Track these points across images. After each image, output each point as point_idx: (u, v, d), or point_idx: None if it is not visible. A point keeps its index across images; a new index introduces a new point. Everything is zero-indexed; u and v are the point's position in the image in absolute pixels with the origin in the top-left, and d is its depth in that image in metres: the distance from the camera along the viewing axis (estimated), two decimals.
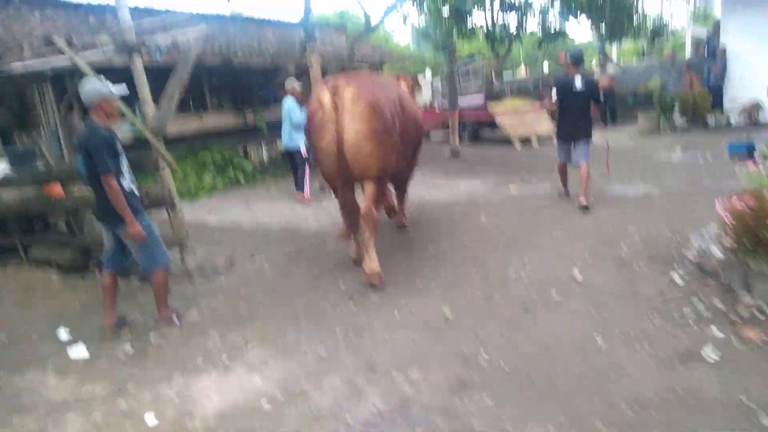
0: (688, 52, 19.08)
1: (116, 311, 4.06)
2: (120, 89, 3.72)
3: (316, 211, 7.58)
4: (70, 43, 4.90)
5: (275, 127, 8.93)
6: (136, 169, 5.52)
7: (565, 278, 4.11)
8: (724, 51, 12.83)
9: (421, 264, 4.85)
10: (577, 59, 6.30)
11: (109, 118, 3.72)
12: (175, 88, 5.23)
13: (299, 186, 8.74)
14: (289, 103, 8.11)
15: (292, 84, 8.25)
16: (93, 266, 5.69)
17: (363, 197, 4.41)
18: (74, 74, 9.12)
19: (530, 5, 17.53)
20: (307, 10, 10.55)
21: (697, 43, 21.02)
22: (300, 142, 8.22)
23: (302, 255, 5.53)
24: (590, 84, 6.20)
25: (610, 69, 14.69)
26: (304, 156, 8.31)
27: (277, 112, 8.62)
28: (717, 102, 12.55)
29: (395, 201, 6.19)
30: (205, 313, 4.24)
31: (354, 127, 4.03)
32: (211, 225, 7.28)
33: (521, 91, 16.34)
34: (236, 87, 12.68)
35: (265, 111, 12.26)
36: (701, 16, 33.58)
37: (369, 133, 4.07)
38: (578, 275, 4.09)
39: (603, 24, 19.56)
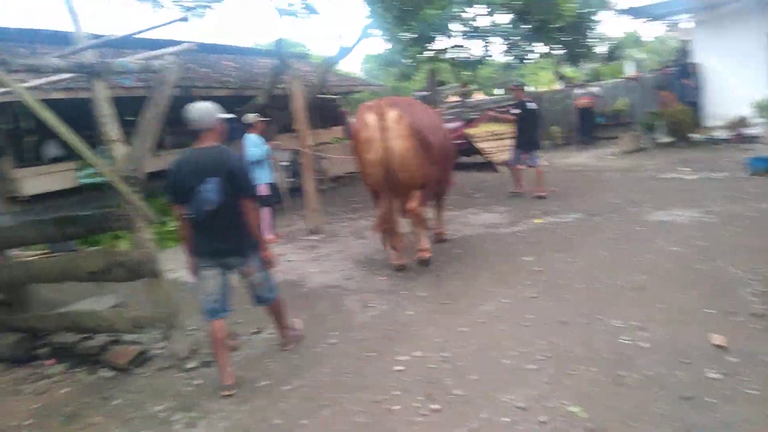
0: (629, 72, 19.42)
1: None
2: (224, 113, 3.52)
3: (317, 259, 6.42)
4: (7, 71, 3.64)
5: None
6: (98, 228, 4.31)
7: (702, 345, 3.17)
8: (699, 68, 12.82)
9: (491, 330, 3.80)
10: (523, 86, 9.40)
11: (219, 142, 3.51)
12: (152, 122, 4.08)
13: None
14: (246, 140, 7.33)
15: (251, 119, 7.47)
16: (44, 355, 4.32)
17: (411, 201, 5.07)
18: (5, 109, 7.66)
19: (494, 32, 17.32)
20: (281, 37, 9.61)
21: (638, 66, 21.74)
22: (262, 181, 7.32)
23: (325, 324, 4.36)
24: (538, 105, 8.84)
25: (593, 89, 14.46)
26: (260, 193, 7.36)
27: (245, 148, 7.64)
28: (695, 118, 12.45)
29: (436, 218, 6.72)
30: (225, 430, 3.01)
31: (400, 144, 4.81)
32: (186, 286, 5.23)
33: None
34: None
35: (231, 146, 11.02)
36: (634, 41, 35.36)
37: (411, 148, 4.85)
38: (720, 341, 3.17)
39: (563, 49, 19.76)
